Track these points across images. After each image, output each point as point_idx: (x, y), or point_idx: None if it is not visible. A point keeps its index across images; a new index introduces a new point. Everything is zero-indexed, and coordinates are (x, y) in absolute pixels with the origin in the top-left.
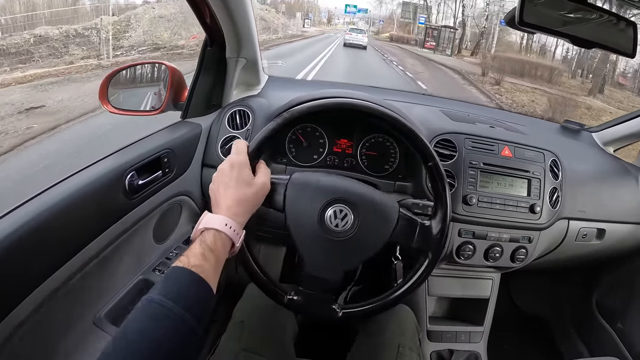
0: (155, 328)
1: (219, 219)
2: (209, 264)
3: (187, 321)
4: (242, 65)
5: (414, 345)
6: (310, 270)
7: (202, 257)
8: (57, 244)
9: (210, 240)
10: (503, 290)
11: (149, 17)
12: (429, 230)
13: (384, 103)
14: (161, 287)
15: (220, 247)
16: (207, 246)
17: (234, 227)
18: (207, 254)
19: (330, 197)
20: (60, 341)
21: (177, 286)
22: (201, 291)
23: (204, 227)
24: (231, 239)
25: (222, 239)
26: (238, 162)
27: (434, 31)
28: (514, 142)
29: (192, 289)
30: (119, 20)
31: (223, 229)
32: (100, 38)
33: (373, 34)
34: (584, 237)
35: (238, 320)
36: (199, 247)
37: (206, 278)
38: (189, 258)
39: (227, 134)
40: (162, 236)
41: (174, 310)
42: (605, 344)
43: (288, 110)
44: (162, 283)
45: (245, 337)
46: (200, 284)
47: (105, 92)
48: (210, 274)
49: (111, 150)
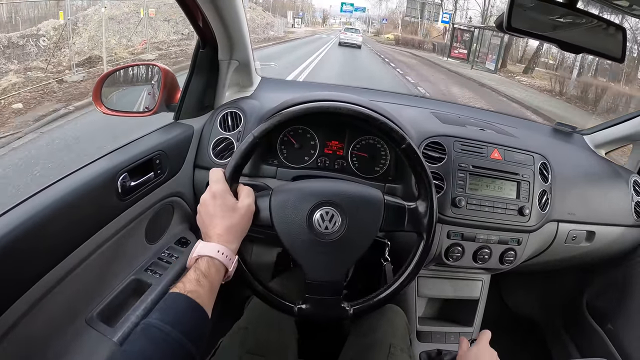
0: (154, 351)
1: (211, 246)
2: (204, 289)
3: (184, 345)
4: (234, 67)
5: (405, 345)
6: (312, 277)
7: (197, 283)
8: (51, 245)
9: (204, 267)
10: (494, 291)
11: (98, 20)
12: (417, 212)
13: (367, 104)
14: (159, 312)
15: (214, 273)
16: (201, 272)
17: (226, 254)
18: (201, 280)
19: (314, 201)
20: (53, 341)
21: (174, 311)
22: (197, 316)
23: (197, 254)
24: (224, 265)
25: (215, 265)
26: (219, 191)
27: (465, 34)
28: (504, 145)
29: (189, 314)
30: (63, 25)
31: (216, 256)
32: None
33: (372, 35)
34: (573, 240)
35: (242, 326)
36: (193, 274)
37: (201, 303)
38: (185, 284)
39: (219, 136)
40: (154, 237)
41: (171, 334)
42: (596, 345)
43: (257, 128)
44: (160, 308)
45: (249, 341)
46: (196, 308)
47: (98, 93)
48: (205, 299)
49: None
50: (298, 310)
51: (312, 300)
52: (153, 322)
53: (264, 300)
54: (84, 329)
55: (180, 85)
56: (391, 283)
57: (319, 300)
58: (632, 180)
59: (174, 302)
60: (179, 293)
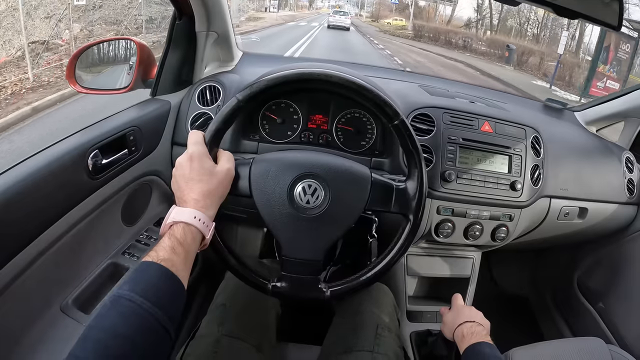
0: (125, 325)
1: (187, 211)
2: (179, 258)
3: (157, 317)
4: (213, 40)
5: (393, 325)
6: (289, 253)
7: (172, 250)
8: (18, 227)
9: (179, 233)
10: (485, 270)
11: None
12: (405, 192)
13: (359, 75)
14: (129, 282)
15: (190, 241)
16: (176, 240)
17: (203, 220)
18: (176, 247)
19: (296, 173)
20: (27, 329)
21: (146, 281)
22: (171, 286)
23: (172, 220)
24: (201, 232)
25: (191, 232)
26: (197, 153)
27: (625, 44)
28: (495, 118)
29: (161, 284)
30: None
31: (192, 222)
32: None
33: (370, 21)
34: (565, 216)
35: (219, 303)
36: (168, 241)
37: (176, 272)
38: (158, 252)
39: (197, 111)
40: (132, 218)
41: (143, 306)
42: (587, 323)
43: (242, 91)
44: (131, 278)
45: (227, 321)
46: (170, 278)
47: (72, 70)
48: (180, 268)
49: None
50: (272, 288)
51: (287, 278)
52: (123, 294)
53: (237, 275)
54: (59, 316)
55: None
56: (372, 266)
57: (294, 279)
58: (625, 157)
59: (145, 271)
60: (151, 262)
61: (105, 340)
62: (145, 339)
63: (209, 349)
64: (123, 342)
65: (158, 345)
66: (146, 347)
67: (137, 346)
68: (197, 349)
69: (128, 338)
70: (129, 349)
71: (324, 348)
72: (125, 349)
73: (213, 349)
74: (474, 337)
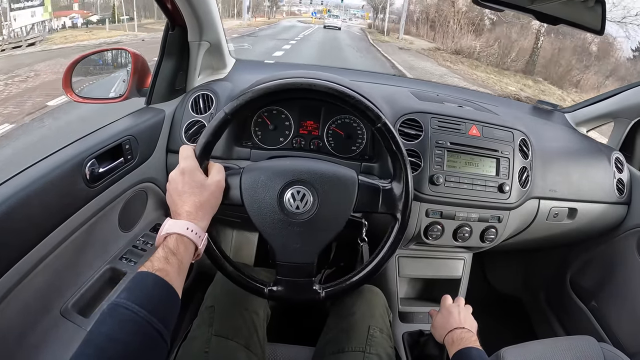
0: (122, 332)
1: (180, 223)
2: (172, 267)
3: (153, 324)
4: (205, 49)
5: (385, 326)
6: (283, 258)
7: (166, 261)
8: (17, 236)
9: (172, 244)
10: (478, 270)
11: None
12: (392, 193)
13: (342, 81)
14: (126, 291)
15: (183, 251)
16: (169, 250)
17: (195, 231)
18: (170, 258)
19: (285, 180)
20: (28, 333)
21: (141, 290)
22: (165, 294)
23: (166, 232)
24: (194, 242)
25: (184, 242)
26: (188, 168)
27: None
28: (482, 122)
29: (156, 292)
30: None
31: (185, 233)
32: None
33: (376, 35)
34: (555, 217)
35: (209, 305)
36: (162, 252)
37: (170, 281)
38: (153, 262)
39: (190, 119)
40: (128, 224)
41: (139, 314)
42: (581, 322)
43: (229, 104)
44: (128, 287)
45: (216, 322)
46: (165, 287)
47: (68, 80)
48: (174, 277)
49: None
50: (269, 292)
51: (282, 282)
52: (120, 302)
53: (234, 281)
54: (59, 320)
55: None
56: (364, 266)
57: (289, 282)
58: (614, 157)
59: (141, 281)
60: (147, 272)
61: (103, 345)
62: (141, 343)
63: (200, 349)
64: (120, 347)
65: (153, 349)
66: (142, 351)
67: (133, 350)
68: (188, 350)
69: (125, 343)
70: (125, 353)
71: (317, 348)
72: (122, 353)
73: (204, 348)
74: (463, 342)
